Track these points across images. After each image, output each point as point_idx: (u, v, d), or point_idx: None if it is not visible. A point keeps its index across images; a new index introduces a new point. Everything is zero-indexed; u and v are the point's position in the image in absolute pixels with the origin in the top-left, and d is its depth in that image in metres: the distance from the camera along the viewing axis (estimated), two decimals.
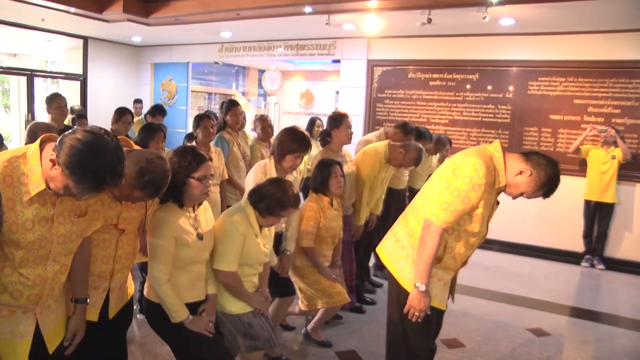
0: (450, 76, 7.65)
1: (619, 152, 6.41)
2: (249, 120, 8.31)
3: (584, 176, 6.74)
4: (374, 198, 4.67)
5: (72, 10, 7.13)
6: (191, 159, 2.52)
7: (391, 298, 2.77)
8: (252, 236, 2.87)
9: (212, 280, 2.79)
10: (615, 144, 6.46)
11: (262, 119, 5.48)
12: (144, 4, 7.37)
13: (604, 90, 6.65)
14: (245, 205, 2.93)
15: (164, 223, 2.47)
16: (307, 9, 6.25)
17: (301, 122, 7.85)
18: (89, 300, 2.26)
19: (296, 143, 3.45)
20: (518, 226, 7.15)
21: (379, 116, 8.17)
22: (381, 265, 5.70)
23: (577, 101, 6.83)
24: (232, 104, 5.12)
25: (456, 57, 7.54)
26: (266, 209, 2.87)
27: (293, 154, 3.44)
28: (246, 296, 2.89)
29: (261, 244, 2.93)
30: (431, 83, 7.80)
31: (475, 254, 2.75)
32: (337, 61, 8.82)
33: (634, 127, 6.55)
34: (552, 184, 2.42)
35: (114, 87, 10.35)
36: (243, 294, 2.87)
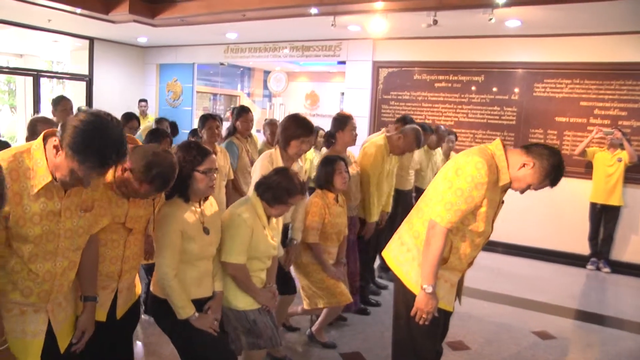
0: (456, 78, 7.64)
1: (626, 154, 6.39)
2: (255, 121, 8.29)
3: (590, 179, 6.71)
4: (382, 194, 4.67)
5: (79, 11, 7.16)
6: (195, 153, 2.53)
7: (397, 301, 2.76)
8: (260, 228, 2.87)
9: (219, 277, 2.78)
10: (621, 146, 6.43)
11: (271, 123, 5.49)
12: (150, 5, 7.39)
13: (611, 93, 6.62)
14: (252, 197, 2.94)
15: (170, 217, 2.47)
16: (313, 10, 6.25)
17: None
18: (97, 298, 2.27)
19: (300, 128, 3.48)
20: (523, 228, 7.13)
21: (384, 118, 8.16)
22: (386, 267, 5.70)
23: (583, 103, 6.81)
24: (243, 110, 5.11)
25: (462, 59, 7.53)
26: (274, 199, 2.88)
27: (298, 139, 3.46)
28: (254, 291, 2.88)
29: (269, 236, 2.93)
30: (437, 84, 7.79)
31: (480, 255, 2.74)
32: (343, 62, 8.83)
33: None
34: (556, 171, 2.43)
35: (119, 87, 10.38)
36: (251, 288, 2.87)
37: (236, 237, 2.79)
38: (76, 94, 10.04)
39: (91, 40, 9.92)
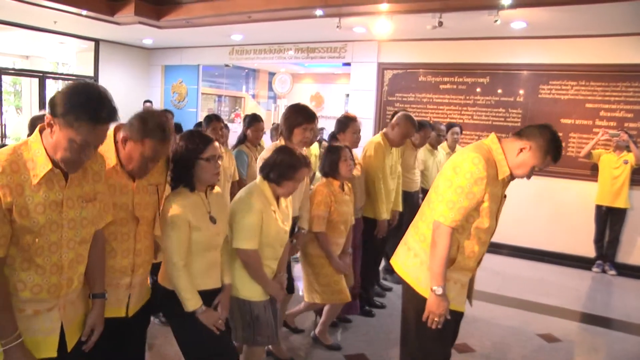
0: (461, 79, 7.63)
1: (632, 156, 6.36)
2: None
3: (595, 181, 6.68)
4: (389, 191, 4.66)
5: (84, 13, 7.20)
6: (198, 141, 2.53)
7: (406, 308, 2.73)
8: (270, 212, 2.86)
9: (228, 269, 2.76)
10: (627, 148, 6.40)
11: (278, 128, 5.48)
12: (155, 6, 7.42)
13: (617, 94, 6.59)
14: (258, 181, 2.95)
15: (176, 207, 2.45)
16: (319, 12, 6.26)
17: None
18: (107, 295, 2.27)
19: (301, 116, 3.53)
20: (528, 230, 7.11)
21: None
22: (391, 269, 5.72)
23: (588, 105, 6.79)
24: (255, 119, 5.11)
25: (467, 61, 7.52)
26: (280, 176, 2.88)
27: (300, 126, 3.51)
28: (264, 280, 2.87)
29: (280, 220, 2.91)
30: (442, 86, 7.78)
31: (485, 258, 2.73)
32: (348, 64, 8.84)
33: None
34: (555, 145, 2.44)
35: (124, 89, 10.40)
36: (261, 276, 2.86)
37: (246, 222, 2.78)
38: None
39: (97, 41, 9.97)
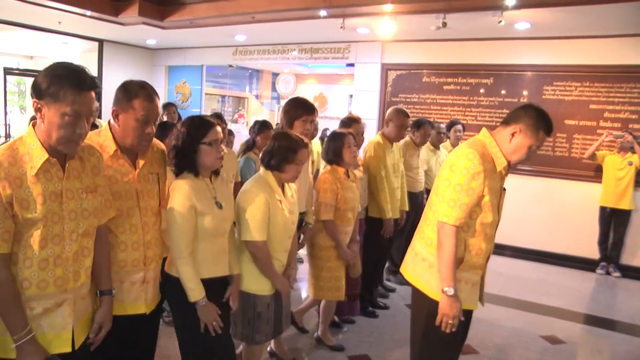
0: (465, 80, 7.62)
1: (636, 158, 6.34)
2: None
3: (599, 182, 6.66)
4: (394, 189, 4.66)
5: (88, 13, 7.21)
6: (199, 125, 2.52)
7: (417, 313, 2.69)
8: (276, 201, 2.86)
9: (236, 260, 2.76)
10: (632, 149, 6.39)
11: None
12: (159, 7, 7.42)
13: (621, 95, 6.57)
14: (261, 172, 2.95)
15: (180, 192, 2.44)
16: (322, 12, 6.25)
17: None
18: (124, 293, 2.29)
19: (301, 108, 3.57)
20: (532, 232, 7.10)
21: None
22: (394, 269, 5.73)
23: (592, 106, 6.77)
24: (265, 126, 5.10)
25: (470, 62, 7.50)
26: (281, 161, 2.89)
27: (300, 118, 3.54)
28: (272, 273, 2.87)
29: (286, 209, 2.91)
30: (445, 87, 7.77)
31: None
32: (351, 65, 8.83)
33: None
34: (543, 120, 2.46)
35: None
36: (269, 269, 2.85)
37: (252, 213, 2.78)
38: None
39: (100, 42, 9.98)
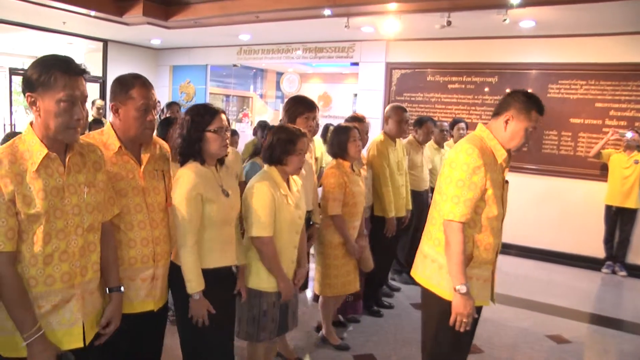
0: (469, 79, 7.60)
1: None
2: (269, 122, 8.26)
3: (605, 181, 6.63)
4: (398, 188, 4.66)
5: (93, 13, 7.23)
6: (204, 112, 2.52)
7: (429, 314, 2.68)
8: (282, 196, 2.85)
9: (240, 251, 2.75)
10: (638, 148, 6.35)
11: None
12: (163, 7, 7.43)
13: (627, 94, 6.54)
14: (265, 168, 2.95)
15: (187, 179, 2.43)
16: (327, 11, 6.24)
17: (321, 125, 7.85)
18: (134, 290, 2.30)
19: (302, 106, 3.57)
20: (537, 231, 7.07)
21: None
22: (398, 269, 5.72)
23: (598, 104, 6.74)
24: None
25: (475, 60, 7.49)
26: (282, 154, 2.88)
27: (302, 115, 3.54)
28: (279, 270, 2.84)
29: (293, 204, 2.90)
30: (450, 86, 7.76)
31: None
32: (356, 64, 8.82)
33: None
34: (532, 100, 2.50)
35: None
36: (275, 267, 2.83)
37: (258, 209, 2.77)
38: (90, 95, 10.07)
39: (105, 42, 10.00)
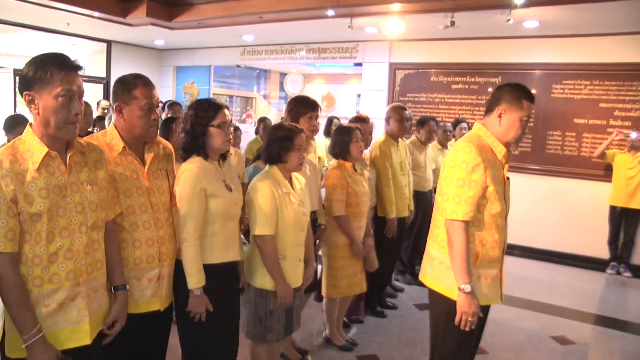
0: (473, 79, 7.59)
1: None
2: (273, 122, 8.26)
3: (609, 181, 6.60)
4: (400, 188, 4.66)
5: (97, 14, 7.24)
6: (207, 107, 2.52)
7: (439, 316, 2.66)
8: (284, 194, 2.85)
9: (241, 245, 2.75)
10: None
11: None
12: (167, 8, 7.44)
13: (632, 94, 6.52)
14: (267, 167, 2.96)
15: (191, 174, 2.43)
16: (330, 12, 6.24)
17: (322, 125, 7.84)
18: (141, 290, 2.30)
19: (304, 105, 3.56)
20: (541, 231, 7.05)
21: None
22: (402, 269, 5.72)
23: (602, 105, 6.71)
24: None
25: (479, 60, 7.47)
26: (281, 150, 2.88)
27: (305, 115, 3.53)
28: (278, 271, 2.82)
29: (296, 202, 2.89)
30: (453, 86, 7.74)
31: None
32: (359, 64, 8.81)
33: None
34: (520, 89, 2.53)
35: None
36: (274, 267, 2.81)
37: (260, 207, 2.77)
38: (94, 96, 10.12)
39: (109, 43, 10.03)
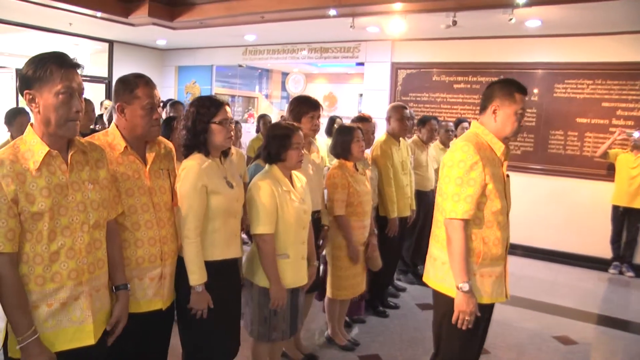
0: (475, 79, 7.58)
1: None
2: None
3: (611, 181, 6.59)
4: (402, 187, 4.66)
5: (99, 14, 7.25)
6: (209, 104, 2.53)
7: (443, 316, 2.63)
8: (284, 193, 2.85)
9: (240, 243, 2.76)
10: None
11: None
12: (169, 8, 7.44)
13: (634, 93, 6.50)
14: (266, 167, 2.97)
15: (192, 171, 2.44)
16: (332, 11, 6.23)
17: (323, 124, 7.84)
18: (143, 289, 2.31)
19: (306, 105, 3.58)
20: (543, 231, 7.04)
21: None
22: (404, 269, 5.71)
23: (605, 104, 6.70)
24: None
25: (481, 60, 7.46)
26: (279, 148, 2.89)
27: (307, 115, 3.54)
28: (274, 271, 2.80)
29: (297, 200, 2.89)
30: (455, 86, 7.73)
31: None
32: (361, 64, 8.81)
33: None
34: (510, 83, 2.59)
35: None
36: (272, 267, 2.80)
37: (259, 205, 2.77)
38: (96, 96, 10.14)
39: (111, 43, 10.04)
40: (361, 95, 9.93)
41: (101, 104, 8.01)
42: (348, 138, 3.79)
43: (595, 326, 4.91)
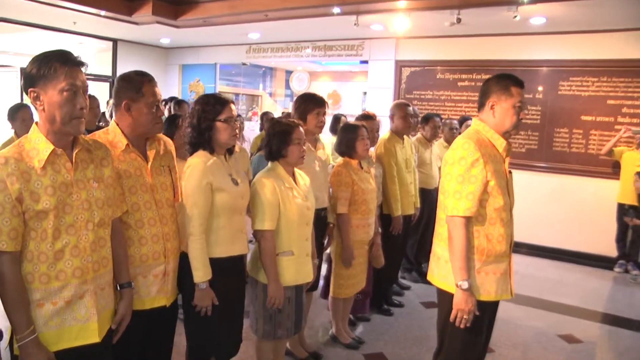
0: (479, 77, 7.55)
1: None
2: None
3: (617, 179, 6.56)
4: (406, 185, 4.65)
5: (103, 13, 7.27)
6: (214, 102, 2.54)
7: (446, 317, 2.63)
8: (287, 189, 2.86)
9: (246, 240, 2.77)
10: None
11: None
12: (172, 6, 7.45)
13: None
14: (269, 164, 2.98)
15: (197, 168, 2.45)
16: (336, 9, 6.23)
17: (328, 122, 7.83)
18: (147, 286, 2.31)
19: (311, 102, 3.59)
20: (548, 229, 7.02)
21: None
22: (408, 267, 5.71)
23: (610, 101, 6.67)
24: None
25: (485, 57, 7.44)
26: (280, 144, 2.89)
27: (312, 112, 3.55)
28: (273, 269, 2.81)
29: (299, 197, 2.90)
30: (459, 84, 7.72)
31: None
32: (365, 62, 8.79)
33: None
34: (505, 78, 2.60)
35: None
36: (271, 265, 2.80)
37: (261, 202, 2.78)
38: (100, 94, 10.13)
39: (115, 41, 10.06)
40: (365, 93, 9.91)
41: (107, 103, 8.01)
42: (353, 136, 3.78)
43: (601, 325, 4.89)
